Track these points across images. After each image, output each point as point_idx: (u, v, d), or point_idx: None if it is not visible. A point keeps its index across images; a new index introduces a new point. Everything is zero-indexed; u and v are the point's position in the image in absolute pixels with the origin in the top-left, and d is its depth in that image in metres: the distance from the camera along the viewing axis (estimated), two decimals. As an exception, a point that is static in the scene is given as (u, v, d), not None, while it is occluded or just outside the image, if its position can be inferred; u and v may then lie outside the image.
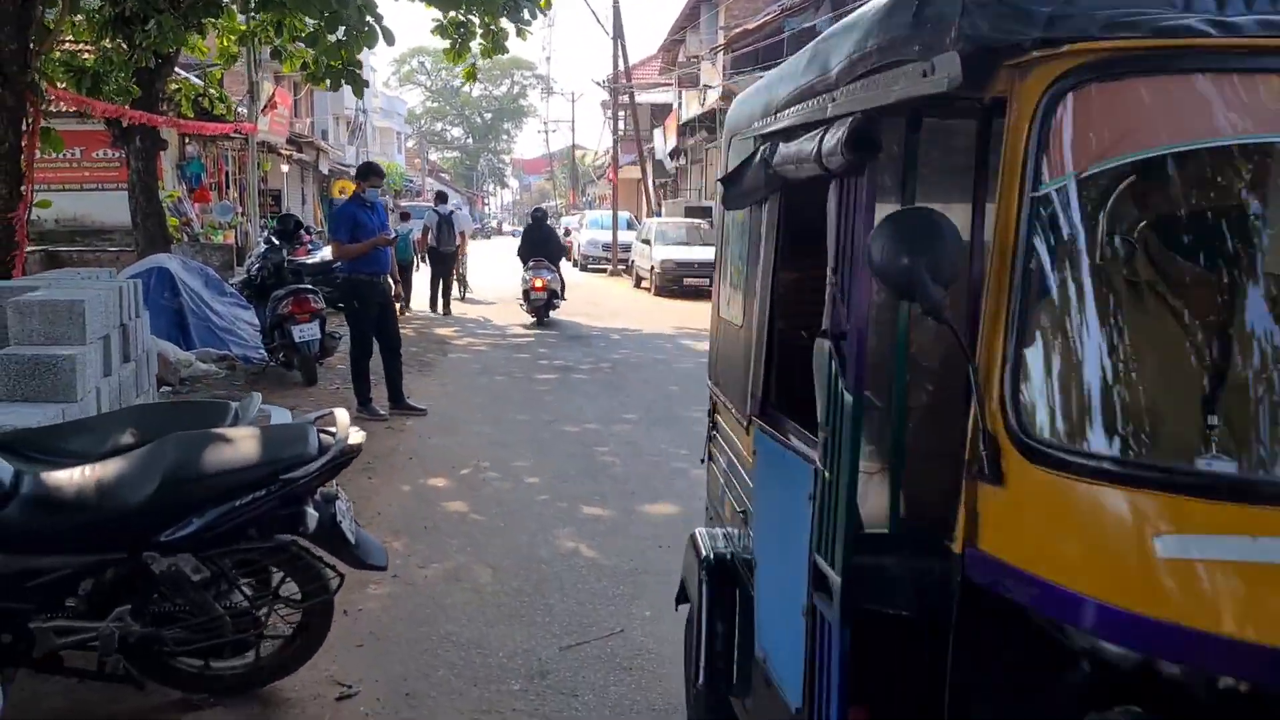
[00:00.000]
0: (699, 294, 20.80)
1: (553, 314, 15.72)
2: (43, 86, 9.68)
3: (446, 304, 17.01)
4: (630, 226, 30.10)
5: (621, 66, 27.57)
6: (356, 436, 3.17)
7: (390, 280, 8.17)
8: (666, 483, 6.12)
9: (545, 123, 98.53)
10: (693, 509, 5.46)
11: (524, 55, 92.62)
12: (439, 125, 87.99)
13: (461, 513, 5.49)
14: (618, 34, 26.70)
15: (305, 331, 9.19)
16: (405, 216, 18.86)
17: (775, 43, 20.46)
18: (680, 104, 32.66)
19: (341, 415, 3.21)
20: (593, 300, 20.12)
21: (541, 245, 16.07)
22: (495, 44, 15.21)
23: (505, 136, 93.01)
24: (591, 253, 29.61)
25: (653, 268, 21.39)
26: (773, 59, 20.54)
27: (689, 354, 12.27)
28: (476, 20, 15.19)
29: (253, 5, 12.40)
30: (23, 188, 9.42)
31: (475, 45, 15.34)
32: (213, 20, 14.08)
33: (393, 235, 7.93)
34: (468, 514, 5.47)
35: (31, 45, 9.33)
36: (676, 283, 20.83)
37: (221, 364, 10.15)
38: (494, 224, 79.75)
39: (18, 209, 9.25)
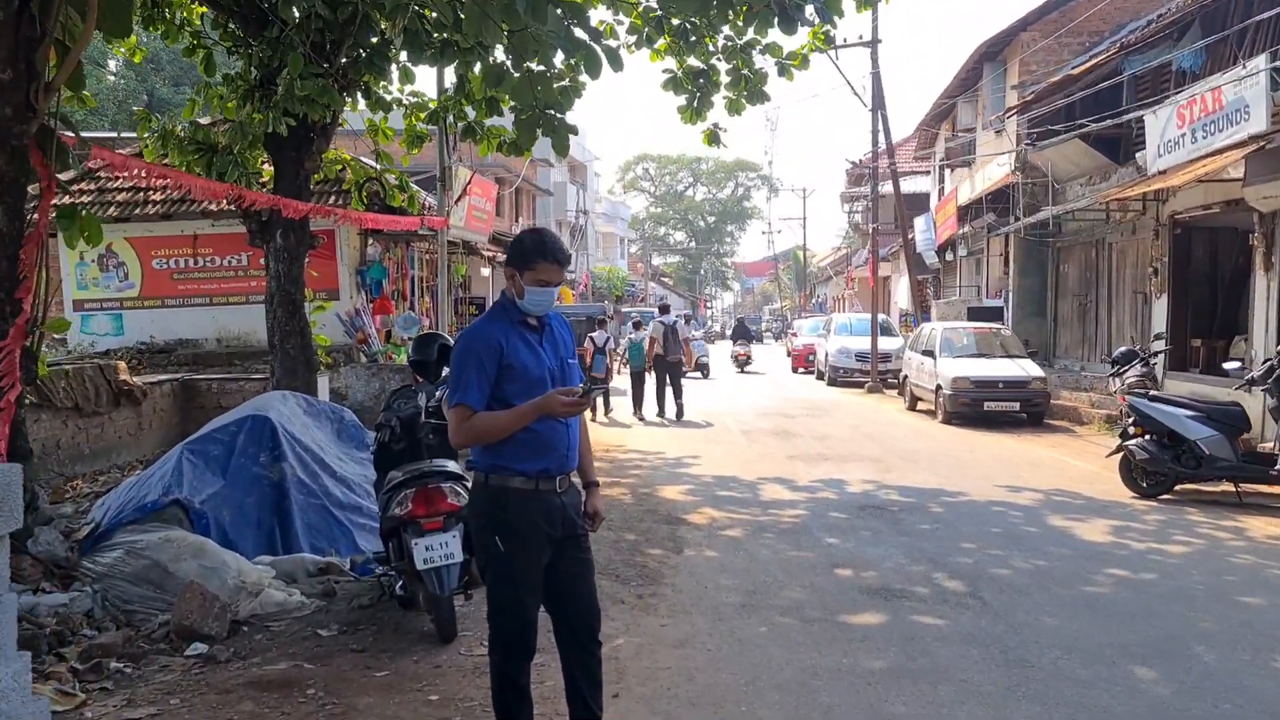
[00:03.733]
0: (1002, 422, 15.56)
1: (821, 469, 11.14)
2: (65, 143, 6.28)
3: (679, 411, 16.79)
4: (886, 331, 25.12)
5: (882, 144, 23.02)
6: None
7: (579, 484, 3.77)
8: None
9: (769, 224, 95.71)
10: None
11: (748, 157, 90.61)
12: (662, 230, 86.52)
13: None
14: (878, 105, 22.27)
15: (435, 550, 4.99)
16: (638, 325, 19.03)
17: (1107, 89, 15.32)
18: (942, 187, 27.71)
19: None
20: (862, 431, 15.26)
21: (743, 334, 33.16)
22: (751, 92, 11.11)
23: (728, 239, 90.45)
24: (842, 364, 24.61)
25: (939, 387, 16.33)
26: (1099, 111, 15.42)
27: (1088, 551, 7.19)
28: (723, 66, 11.29)
29: (430, 53, 8.67)
30: (22, 300, 5.93)
31: (718, 99, 11.41)
32: (379, 82, 10.81)
33: (581, 389, 3.53)
34: None
35: (40, 78, 5.96)
36: (974, 407, 15.65)
37: (316, 583, 6.12)
38: (717, 329, 76.01)
39: (9, 333, 5.71)
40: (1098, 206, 16.20)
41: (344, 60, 9.64)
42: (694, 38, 10.65)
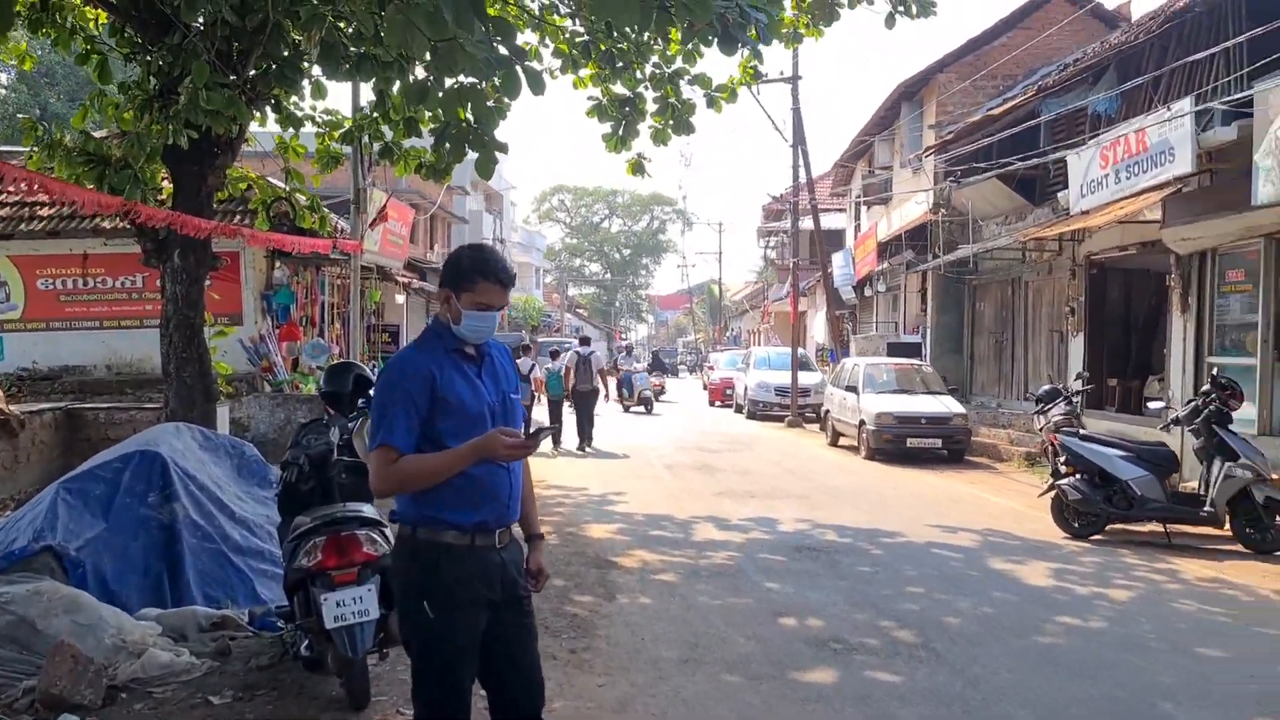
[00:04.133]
0: (924, 459, 15.50)
1: (749, 506, 10.82)
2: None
3: (589, 439, 16.98)
4: (805, 366, 25.14)
5: (803, 179, 23.11)
6: None
7: (521, 537, 3.31)
8: None
9: (684, 257, 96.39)
10: None
11: (664, 191, 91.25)
12: (577, 261, 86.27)
13: None
14: (798, 140, 22.39)
15: (347, 606, 4.43)
16: (555, 354, 19.14)
17: (1024, 131, 15.53)
18: (858, 224, 28.02)
19: None
20: (785, 466, 15.04)
21: (659, 366, 41.95)
22: (678, 122, 10.82)
23: (644, 272, 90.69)
24: (762, 398, 24.51)
25: (862, 423, 16.23)
26: (1016, 152, 15.63)
27: (1032, 596, 6.97)
28: (649, 94, 11.01)
29: (346, 68, 8.09)
30: None
31: (644, 128, 11.11)
32: (290, 96, 10.21)
33: (524, 431, 3.08)
34: None
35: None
36: (897, 443, 15.58)
37: (209, 640, 5.47)
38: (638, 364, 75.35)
39: None
40: (1015, 246, 16.40)
41: (252, 72, 9.02)
42: (621, 64, 10.33)
